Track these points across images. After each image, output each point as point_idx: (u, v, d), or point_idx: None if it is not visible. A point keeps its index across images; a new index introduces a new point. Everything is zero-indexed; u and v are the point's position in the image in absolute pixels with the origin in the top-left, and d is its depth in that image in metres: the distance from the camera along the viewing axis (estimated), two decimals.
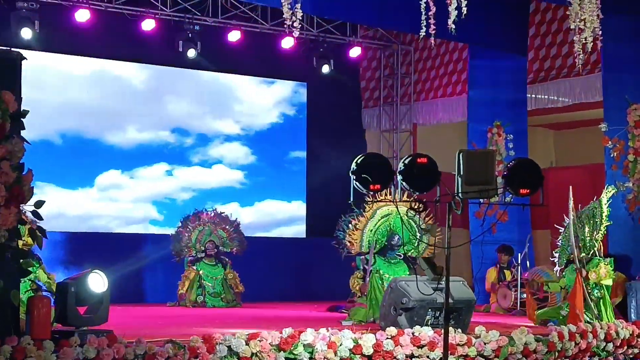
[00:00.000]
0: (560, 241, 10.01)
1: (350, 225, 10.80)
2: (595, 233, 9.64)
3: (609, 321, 9.07)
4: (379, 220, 10.58)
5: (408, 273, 10.16)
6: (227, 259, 13.12)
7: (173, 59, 14.13)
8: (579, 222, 9.64)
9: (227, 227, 13.28)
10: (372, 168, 7.03)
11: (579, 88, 13.53)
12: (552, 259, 10.20)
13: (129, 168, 14.24)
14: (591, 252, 9.60)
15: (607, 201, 9.77)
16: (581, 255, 9.52)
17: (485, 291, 12.89)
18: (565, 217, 10.02)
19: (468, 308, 8.38)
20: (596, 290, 9.49)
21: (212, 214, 13.34)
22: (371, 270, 10.35)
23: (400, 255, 10.54)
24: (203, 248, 13.00)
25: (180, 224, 13.17)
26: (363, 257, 10.66)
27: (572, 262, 9.72)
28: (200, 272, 12.85)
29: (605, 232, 9.87)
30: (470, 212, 13.44)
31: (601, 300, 9.49)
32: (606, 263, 9.58)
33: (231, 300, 12.83)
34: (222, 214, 13.41)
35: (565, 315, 9.49)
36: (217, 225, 13.21)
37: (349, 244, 10.79)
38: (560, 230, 10.07)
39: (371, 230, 10.57)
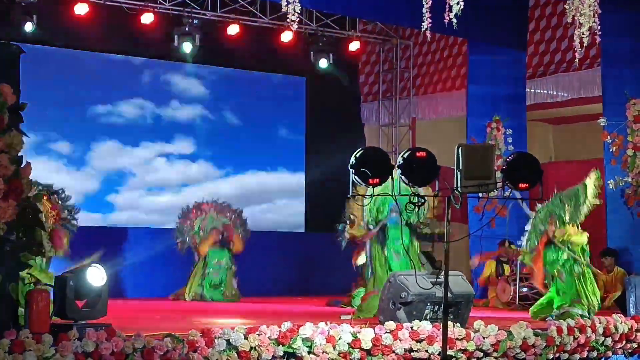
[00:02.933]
0: (531, 225, 9.92)
1: (352, 216, 10.73)
2: (577, 212, 9.54)
3: (592, 300, 9.08)
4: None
5: (409, 237, 10.08)
6: (230, 246, 13.09)
7: (171, 52, 14.10)
8: (559, 201, 9.58)
9: (229, 214, 13.33)
10: (371, 162, 7.01)
11: (578, 83, 13.52)
12: (519, 242, 10.15)
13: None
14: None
15: (596, 182, 9.60)
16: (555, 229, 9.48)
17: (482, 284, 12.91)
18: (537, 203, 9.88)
19: (467, 302, 8.39)
20: (576, 266, 9.45)
21: (213, 204, 13.37)
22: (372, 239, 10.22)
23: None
24: (207, 235, 13.02)
25: (179, 217, 13.20)
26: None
27: (551, 242, 9.63)
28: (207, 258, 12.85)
29: (590, 209, 9.72)
30: (469, 206, 13.44)
31: (582, 277, 9.44)
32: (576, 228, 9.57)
33: (230, 296, 12.82)
34: (223, 204, 13.44)
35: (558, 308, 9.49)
36: (218, 213, 13.25)
37: (349, 235, 10.75)
38: (532, 215, 9.98)
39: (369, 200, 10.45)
